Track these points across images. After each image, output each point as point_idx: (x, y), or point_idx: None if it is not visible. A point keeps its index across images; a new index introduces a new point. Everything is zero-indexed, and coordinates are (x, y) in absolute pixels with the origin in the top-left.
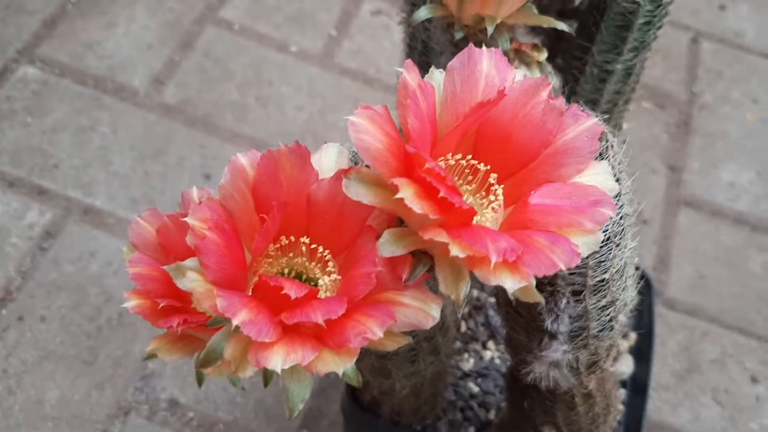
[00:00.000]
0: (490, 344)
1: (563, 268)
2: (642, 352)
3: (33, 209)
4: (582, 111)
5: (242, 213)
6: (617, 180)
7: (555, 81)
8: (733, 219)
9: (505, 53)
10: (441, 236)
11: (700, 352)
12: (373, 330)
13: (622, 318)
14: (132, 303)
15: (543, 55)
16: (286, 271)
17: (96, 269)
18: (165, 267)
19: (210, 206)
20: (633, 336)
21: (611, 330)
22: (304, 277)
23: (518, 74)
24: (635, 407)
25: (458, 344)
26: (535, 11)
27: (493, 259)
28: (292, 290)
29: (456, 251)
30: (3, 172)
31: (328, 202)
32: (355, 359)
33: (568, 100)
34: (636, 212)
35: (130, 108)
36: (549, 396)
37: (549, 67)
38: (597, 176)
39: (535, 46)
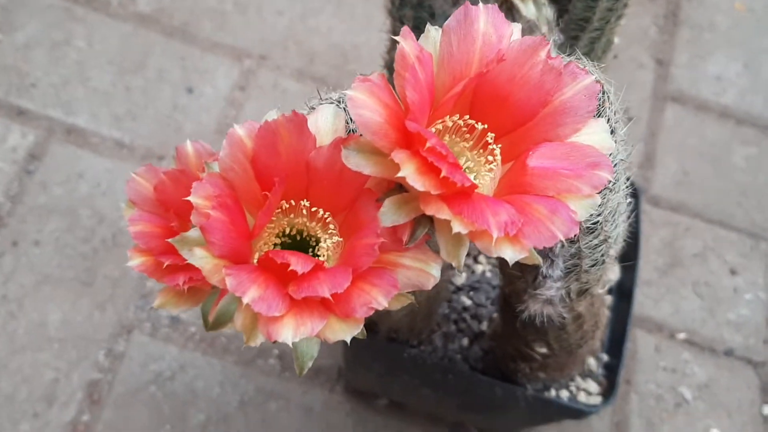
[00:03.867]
0: (481, 258)
1: (562, 238)
2: (628, 258)
3: (14, 131)
4: (580, 68)
5: (243, 183)
6: (613, 131)
7: (548, 12)
8: (719, 113)
9: None
10: (443, 212)
11: (682, 247)
12: (378, 299)
13: (613, 251)
14: (135, 261)
15: None
16: (288, 229)
17: (85, 190)
18: (170, 240)
19: (211, 182)
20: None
21: (602, 264)
22: (306, 234)
23: (515, 29)
24: (621, 312)
25: None
26: None
27: (495, 235)
28: (299, 266)
29: (458, 227)
30: None
31: (327, 169)
32: (361, 326)
33: (560, 18)
34: (624, 110)
35: (105, 19)
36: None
37: None
38: (595, 135)
39: None
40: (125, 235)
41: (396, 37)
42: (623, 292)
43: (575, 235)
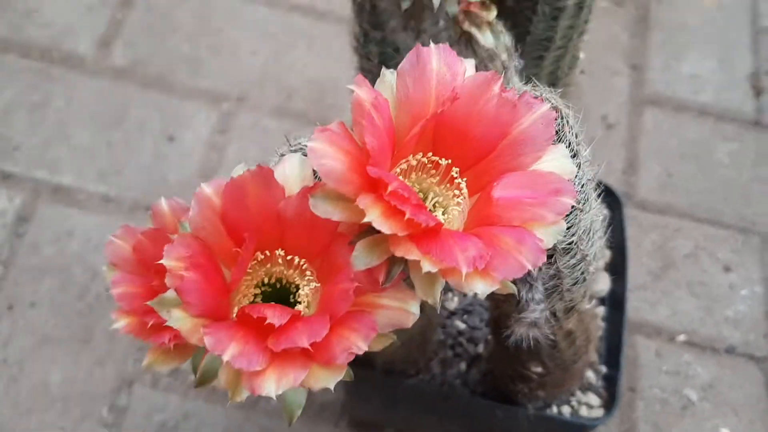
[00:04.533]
0: None
1: (531, 268)
2: (617, 267)
3: (1, 196)
4: (535, 98)
5: (215, 240)
6: (574, 154)
7: (507, 39)
8: (697, 111)
9: (455, 17)
10: (412, 253)
11: (673, 248)
12: (357, 344)
13: (592, 269)
14: (120, 323)
15: (492, 14)
16: (266, 279)
17: (76, 247)
18: (148, 302)
19: (183, 243)
20: (607, 253)
21: (584, 281)
22: (285, 281)
23: (469, 65)
24: (615, 321)
25: None
26: None
27: (464, 271)
28: (276, 318)
29: (428, 267)
30: None
31: (297, 217)
32: (344, 371)
33: (521, 41)
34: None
35: (80, 77)
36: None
37: (499, 26)
38: (555, 161)
39: (483, 5)
40: None
41: (350, 86)
42: (616, 301)
43: (553, 256)
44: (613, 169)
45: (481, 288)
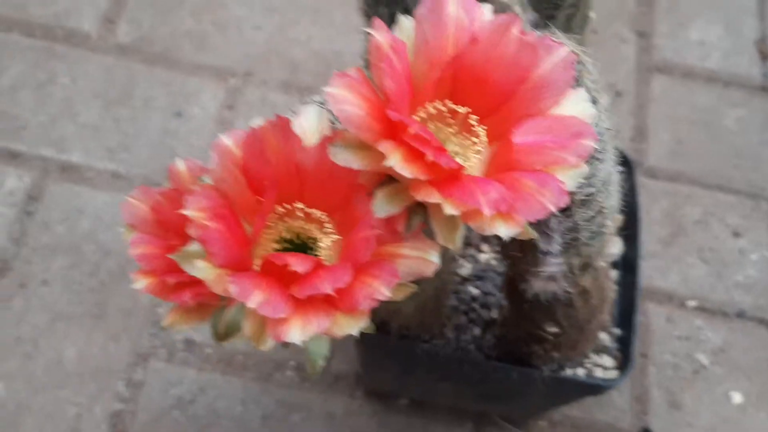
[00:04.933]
0: (485, 247)
1: (554, 209)
2: (629, 231)
3: (10, 175)
4: (555, 41)
5: (236, 191)
6: (594, 101)
7: None
8: (706, 78)
9: None
10: (433, 197)
11: (683, 215)
12: (380, 290)
13: (610, 222)
14: (141, 283)
15: None
16: (285, 234)
17: (87, 226)
18: (171, 255)
19: (205, 194)
20: (619, 217)
21: (601, 235)
22: (304, 236)
23: (487, 10)
24: (628, 285)
25: None
26: None
27: (486, 213)
28: (299, 265)
29: (449, 210)
30: None
31: (317, 168)
32: (368, 318)
33: (531, 1)
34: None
35: (86, 54)
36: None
37: None
38: (576, 105)
39: None
40: (131, 265)
41: (368, 29)
42: (628, 265)
43: (571, 208)
44: (621, 137)
45: (504, 231)
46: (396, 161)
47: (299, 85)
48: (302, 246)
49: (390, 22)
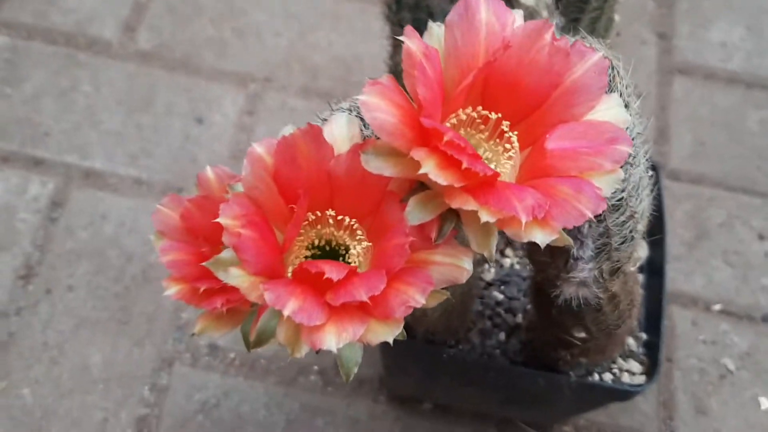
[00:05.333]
0: (508, 251)
1: (591, 216)
2: (655, 234)
3: (34, 181)
4: (587, 46)
5: (268, 199)
6: (626, 105)
7: None
8: (727, 79)
9: None
10: (469, 204)
11: (707, 218)
12: (415, 297)
13: (641, 227)
14: (172, 290)
15: None
16: (316, 241)
17: (110, 231)
18: (204, 263)
19: (238, 201)
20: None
21: (632, 240)
22: (335, 243)
23: (518, 16)
24: (654, 289)
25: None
26: None
27: (523, 220)
28: (334, 273)
29: (486, 217)
30: None
31: (348, 176)
32: (401, 326)
33: (559, 2)
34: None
35: (107, 61)
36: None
37: None
38: (609, 110)
39: None
40: (155, 270)
41: (401, 37)
42: (654, 269)
43: (602, 213)
44: (646, 136)
45: (540, 237)
46: (431, 169)
47: (319, 91)
48: (333, 252)
49: (414, 26)
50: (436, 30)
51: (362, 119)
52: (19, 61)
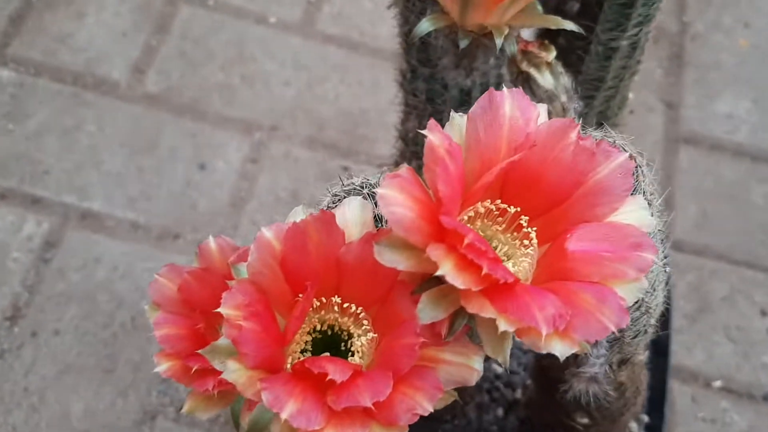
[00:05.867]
0: None
1: (614, 329)
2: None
3: (29, 220)
4: (613, 146)
5: (273, 286)
6: (649, 203)
7: (566, 81)
8: (733, 151)
9: (512, 57)
10: (487, 311)
11: (709, 291)
12: (422, 405)
13: (653, 321)
14: (163, 366)
15: (551, 54)
16: (319, 326)
17: (103, 275)
18: (200, 351)
19: (241, 289)
20: None
21: (644, 333)
22: (338, 328)
23: (542, 111)
24: (657, 367)
25: None
26: (540, 10)
27: (544, 332)
28: (337, 374)
29: (504, 326)
30: None
31: (358, 264)
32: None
33: (574, 79)
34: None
35: (114, 102)
36: None
37: (559, 67)
38: (633, 213)
39: (542, 45)
40: (144, 317)
41: (423, 131)
42: (658, 347)
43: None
44: (666, 233)
45: (560, 350)
46: (448, 270)
47: (324, 142)
48: (335, 338)
49: (428, 97)
50: (458, 120)
51: (374, 197)
52: (24, 97)
